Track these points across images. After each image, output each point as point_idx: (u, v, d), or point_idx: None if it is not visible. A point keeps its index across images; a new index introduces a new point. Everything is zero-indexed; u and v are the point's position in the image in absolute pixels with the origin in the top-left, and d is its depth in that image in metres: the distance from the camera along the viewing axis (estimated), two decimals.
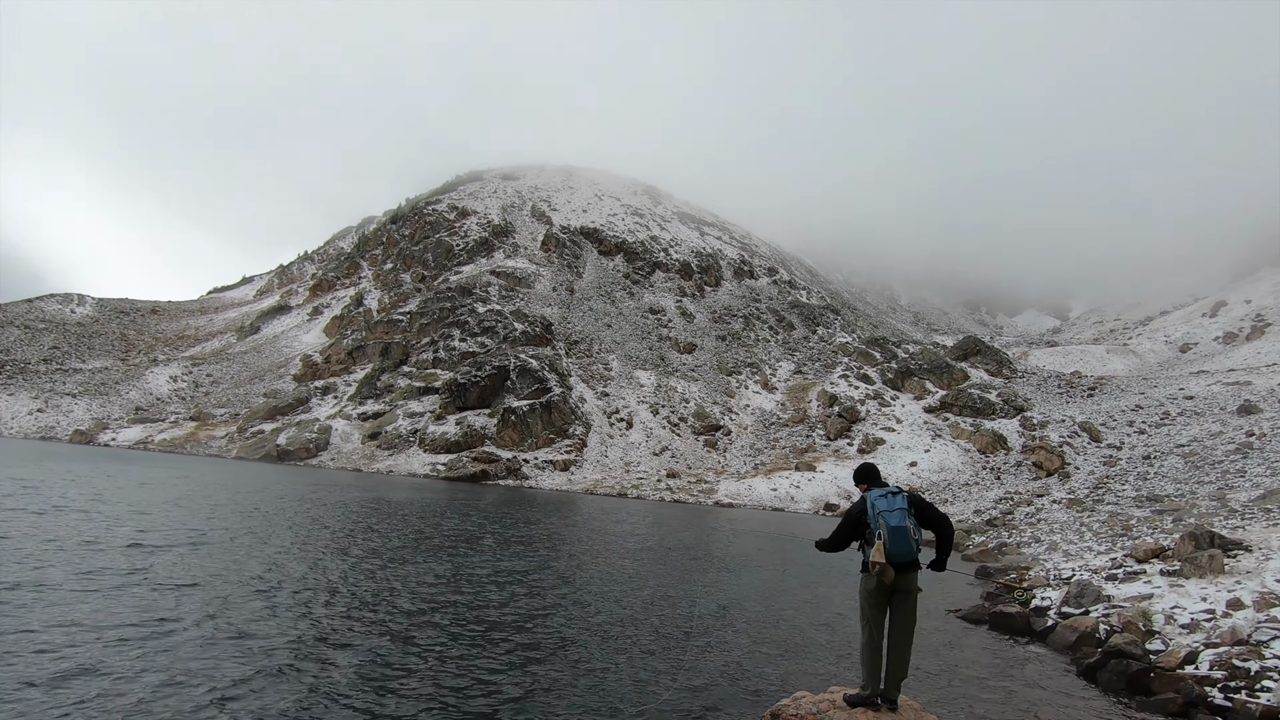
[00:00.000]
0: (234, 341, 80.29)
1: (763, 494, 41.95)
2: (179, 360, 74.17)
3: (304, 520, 16.99)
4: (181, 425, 58.09)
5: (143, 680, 5.76)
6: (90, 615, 7.30)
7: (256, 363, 72.18)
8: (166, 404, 64.16)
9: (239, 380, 68.08)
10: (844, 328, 77.30)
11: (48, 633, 6.62)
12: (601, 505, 32.76)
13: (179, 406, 63.46)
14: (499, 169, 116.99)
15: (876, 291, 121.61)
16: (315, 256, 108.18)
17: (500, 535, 17.66)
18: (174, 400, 64.99)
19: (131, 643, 6.59)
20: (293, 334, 78.87)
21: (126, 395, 64.80)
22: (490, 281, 72.58)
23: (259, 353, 75.06)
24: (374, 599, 9.40)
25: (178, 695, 5.54)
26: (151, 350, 78.51)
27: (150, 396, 65.20)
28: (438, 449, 48.44)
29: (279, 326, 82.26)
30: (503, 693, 6.34)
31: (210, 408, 61.54)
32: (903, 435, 49.79)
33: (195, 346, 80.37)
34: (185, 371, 70.43)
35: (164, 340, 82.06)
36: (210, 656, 6.47)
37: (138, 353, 77.49)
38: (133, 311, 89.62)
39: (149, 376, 68.69)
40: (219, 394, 65.23)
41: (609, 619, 9.48)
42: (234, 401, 62.61)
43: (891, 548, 5.29)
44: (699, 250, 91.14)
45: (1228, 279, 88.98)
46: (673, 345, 69.28)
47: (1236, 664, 7.63)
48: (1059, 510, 28.16)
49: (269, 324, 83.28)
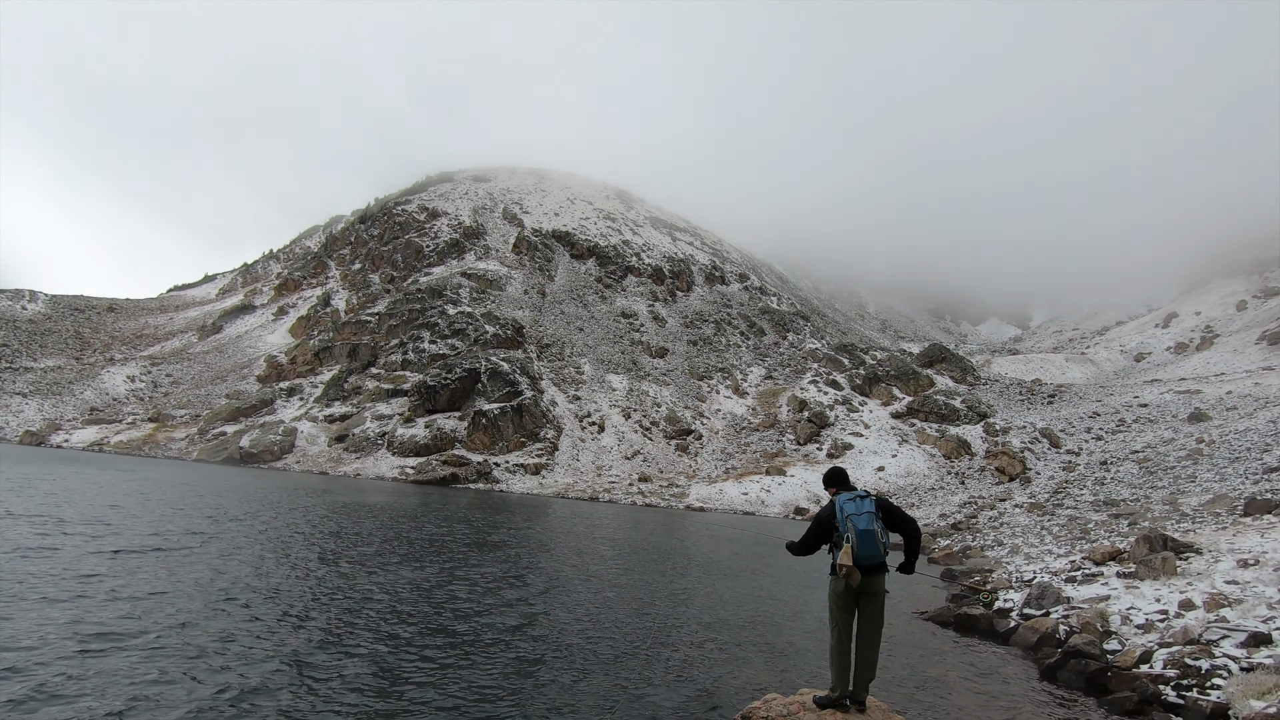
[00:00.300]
0: (195, 341, 78.31)
1: (734, 498, 42.21)
2: (137, 360, 72.10)
3: (277, 526, 16.66)
4: (139, 426, 56.46)
5: (108, 697, 5.61)
6: (47, 628, 7.08)
7: (219, 363, 70.51)
8: (123, 404, 62.31)
9: (200, 381, 66.42)
10: (814, 334, 78.23)
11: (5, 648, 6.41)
12: (573, 509, 32.66)
13: (137, 407, 61.68)
14: (470, 170, 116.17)
15: (845, 299, 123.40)
16: (281, 255, 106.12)
17: (472, 540, 17.52)
18: (131, 401, 63.15)
19: (97, 656, 6.42)
20: (257, 334, 77.23)
21: (81, 395, 62.79)
22: (461, 283, 71.97)
23: (221, 353, 73.33)
24: (342, 608, 9.27)
25: (148, 714, 5.41)
26: (108, 349, 76.16)
27: (106, 397, 63.26)
28: (407, 452, 47.83)
29: (242, 326, 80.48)
30: (474, 700, 6.31)
31: (170, 409, 59.92)
32: (871, 440, 50.54)
33: (154, 346, 78.17)
34: (144, 371, 68.49)
35: (121, 339, 79.66)
36: (182, 671, 6.32)
37: (93, 351, 75.10)
38: (88, 309, 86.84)
39: (105, 376, 66.65)
40: (179, 395, 63.56)
41: (580, 624, 9.48)
42: (195, 403, 61.07)
43: (859, 550, 5.37)
44: (671, 255, 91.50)
45: (1179, 291, 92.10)
46: (645, 349, 69.39)
47: (1188, 663, 7.92)
48: (1021, 514, 28.82)
49: (232, 323, 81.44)
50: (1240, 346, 64.40)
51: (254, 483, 31.56)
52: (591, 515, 29.79)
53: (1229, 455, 28.53)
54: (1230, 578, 10.58)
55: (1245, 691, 6.76)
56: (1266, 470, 23.22)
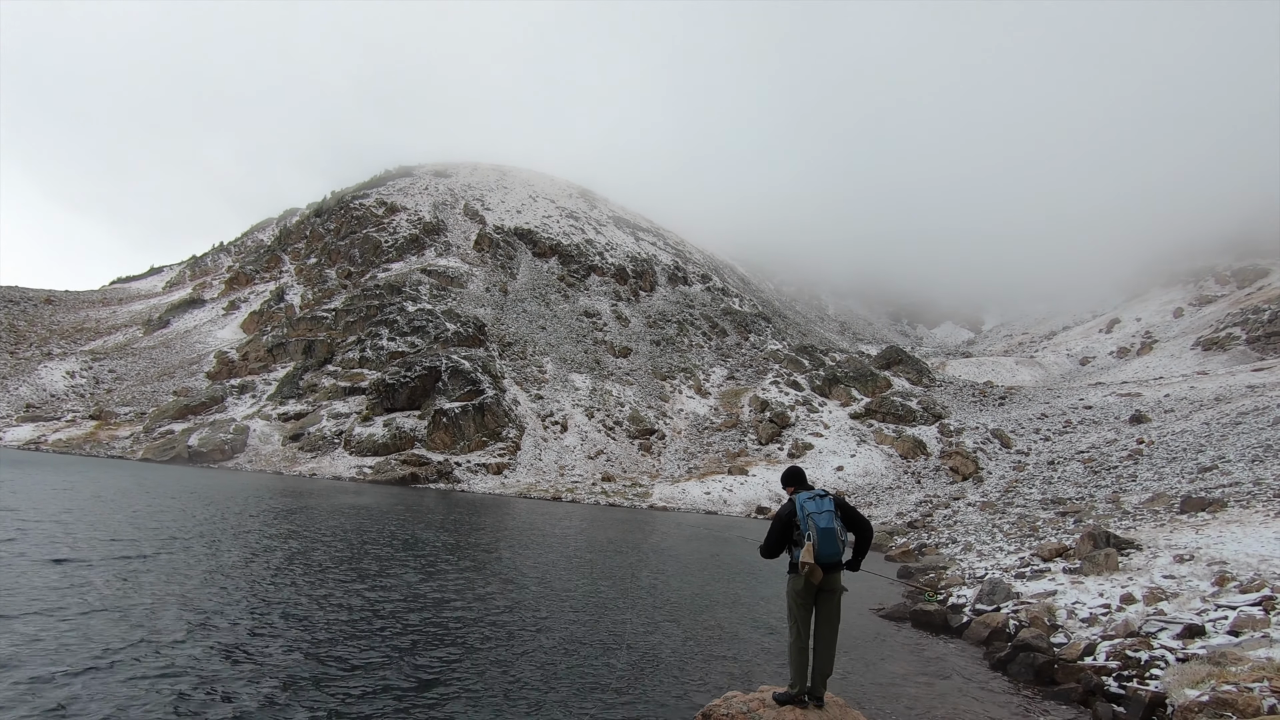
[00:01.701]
0: (140, 336, 75.44)
1: (696, 497, 42.47)
2: (77, 354, 69.14)
3: (238, 529, 16.18)
4: (80, 424, 54.17)
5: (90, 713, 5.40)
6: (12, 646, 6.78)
7: (165, 359, 68.07)
8: (62, 401, 59.71)
9: (146, 377, 64.04)
10: (775, 335, 79.16)
11: None
12: (536, 509, 32.46)
13: (77, 404, 59.16)
14: (430, 165, 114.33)
15: (806, 301, 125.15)
16: (232, 248, 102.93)
17: (440, 542, 17.28)
18: (71, 397, 60.55)
19: (68, 674, 6.17)
20: (206, 329, 74.79)
21: (16, 391, 59.96)
22: (421, 280, 70.85)
23: (168, 348, 70.81)
24: (304, 611, 9.07)
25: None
26: (45, 343, 72.85)
27: (44, 393, 60.54)
28: (365, 451, 46.89)
29: (191, 321, 77.83)
30: (428, 705, 6.24)
31: (113, 406, 57.62)
32: (830, 440, 51.39)
33: (96, 340, 75.06)
34: (84, 367, 65.72)
35: (60, 332, 76.29)
36: (163, 690, 6.12)
37: (29, 345, 71.75)
38: (23, 300, 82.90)
39: (42, 371, 63.76)
40: (123, 391, 61.17)
41: (542, 624, 9.44)
42: (140, 400, 58.85)
43: (820, 549, 5.46)
44: (634, 255, 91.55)
45: (1122, 298, 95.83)
46: (608, 349, 69.31)
47: (1129, 654, 8.27)
48: (973, 512, 29.65)
49: (180, 318, 78.66)
50: (1177, 352, 67.37)
51: (206, 483, 30.59)
52: (554, 515, 29.66)
53: (1167, 455, 29.84)
54: (1168, 572, 11.07)
55: (1181, 681, 7.09)
56: (1201, 470, 24.35)
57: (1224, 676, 6.74)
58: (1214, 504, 16.31)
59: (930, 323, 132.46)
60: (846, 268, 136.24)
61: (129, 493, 21.93)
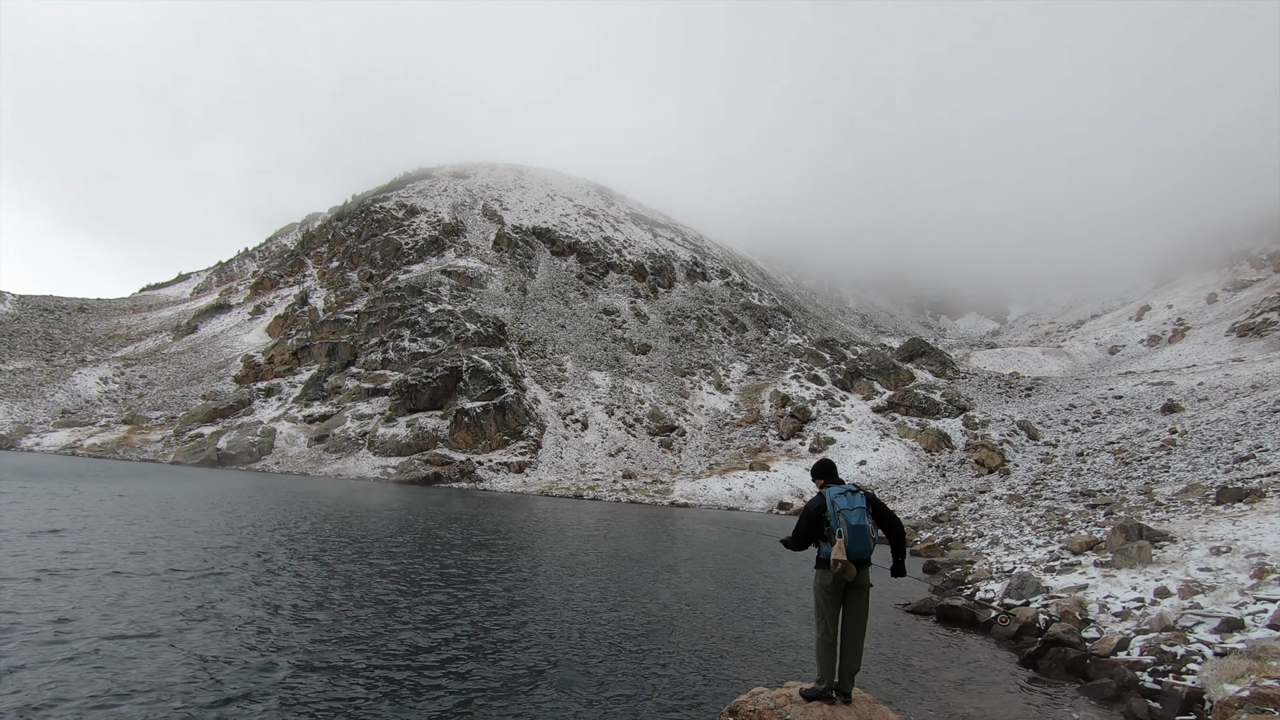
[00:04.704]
0: (170, 341, 76.96)
1: (718, 494, 42.35)
2: (110, 361, 70.72)
3: (291, 532, 16.45)
4: (113, 429, 55.41)
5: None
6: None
7: (194, 363, 69.37)
8: (96, 406, 61.12)
9: (175, 382, 65.32)
10: (795, 329, 78.65)
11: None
12: (557, 507, 32.59)
13: (110, 409, 60.52)
14: (449, 167, 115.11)
15: (826, 294, 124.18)
16: (257, 254, 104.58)
17: (462, 540, 17.41)
18: (104, 403, 61.95)
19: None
20: (233, 333, 76.07)
21: (52, 398, 61.48)
22: (441, 281, 71.40)
23: (197, 353, 72.14)
24: (331, 603, 9.17)
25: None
26: (79, 350, 74.60)
27: (78, 399, 62.01)
28: (388, 451, 47.40)
29: (218, 326, 79.21)
30: (458, 705, 6.27)
31: (144, 410, 58.86)
32: (852, 435, 50.94)
33: (127, 346, 76.71)
34: (117, 373, 67.21)
35: (93, 340, 78.07)
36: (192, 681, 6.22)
37: (64, 353, 73.52)
38: (58, 309, 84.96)
39: (77, 378, 65.32)
40: (154, 396, 62.45)
41: (567, 621, 9.45)
42: (170, 404, 60.04)
43: (852, 545, 5.40)
44: (652, 252, 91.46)
45: (1152, 284, 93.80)
46: (627, 346, 69.34)
47: (1164, 649, 8.08)
48: (1000, 506, 29.23)
49: (207, 323, 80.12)
50: (1211, 339, 65.73)
51: (243, 488, 31.12)
52: (576, 513, 29.75)
53: (1201, 445, 29.13)
54: (1204, 565, 10.80)
55: (1219, 676, 6.90)
56: (1237, 459, 23.74)
57: (1265, 671, 6.55)
58: (1251, 494, 15.90)
59: (954, 314, 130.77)
60: (868, 260, 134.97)
61: (194, 503, 22.37)
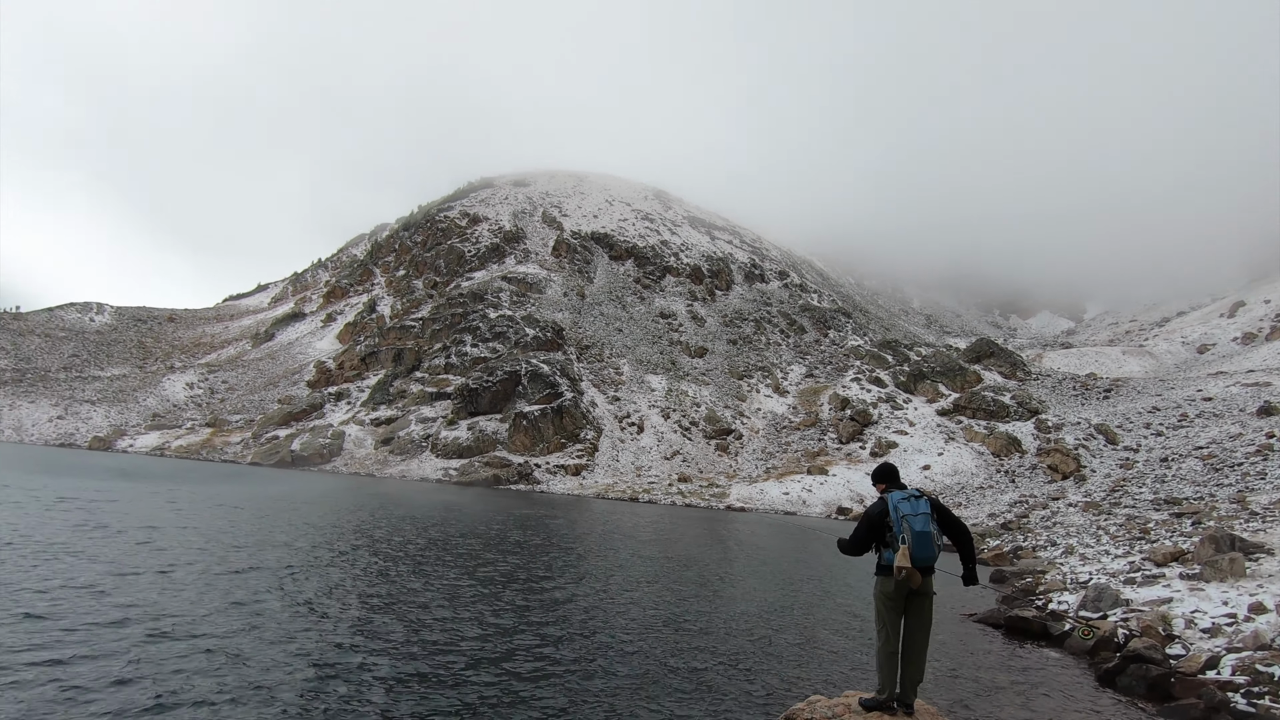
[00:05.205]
0: (249, 348, 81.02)
1: (775, 498, 41.78)
2: (195, 367, 74.93)
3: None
4: (198, 431, 58.64)
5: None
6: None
7: (271, 369, 72.78)
8: (183, 410, 64.80)
9: (254, 386, 68.66)
10: (856, 331, 76.97)
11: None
12: (613, 509, 32.76)
13: (195, 413, 64.06)
14: (510, 175, 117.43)
15: (888, 294, 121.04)
16: (329, 264, 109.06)
17: (516, 540, 17.70)
18: (190, 407, 65.62)
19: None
20: (307, 340, 79.48)
21: (144, 402, 65.50)
22: (502, 287, 72.85)
23: (273, 359, 75.69)
24: (389, 599, 9.43)
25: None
26: (169, 357, 79.35)
27: (167, 403, 65.88)
28: (450, 454, 48.61)
29: (293, 333, 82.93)
30: (510, 702, 6.34)
31: (226, 414, 62.08)
32: (915, 438, 49.45)
33: (211, 353, 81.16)
34: (201, 378, 71.12)
35: (181, 347, 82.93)
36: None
37: (155, 360, 78.34)
38: (150, 319, 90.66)
39: (166, 383, 69.40)
40: (234, 400, 65.81)
41: (623, 622, 9.46)
42: (249, 408, 63.15)
43: (916, 551, 5.25)
44: (709, 254, 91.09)
45: (1245, 279, 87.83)
46: (684, 349, 69.22)
47: (1260, 669, 7.51)
48: (1075, 513, 27.86)
49: (283, 331, 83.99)
50: None
51: (324, 490, 32.45)
52: (631, 515, 29.83)
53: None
54: None
55: None
56: None
57: None
58: None
59: (1025, 313, 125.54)
60: (932, 259, 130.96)
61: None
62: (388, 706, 5.86)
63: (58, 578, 8.93)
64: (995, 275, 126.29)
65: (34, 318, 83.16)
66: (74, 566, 9.69)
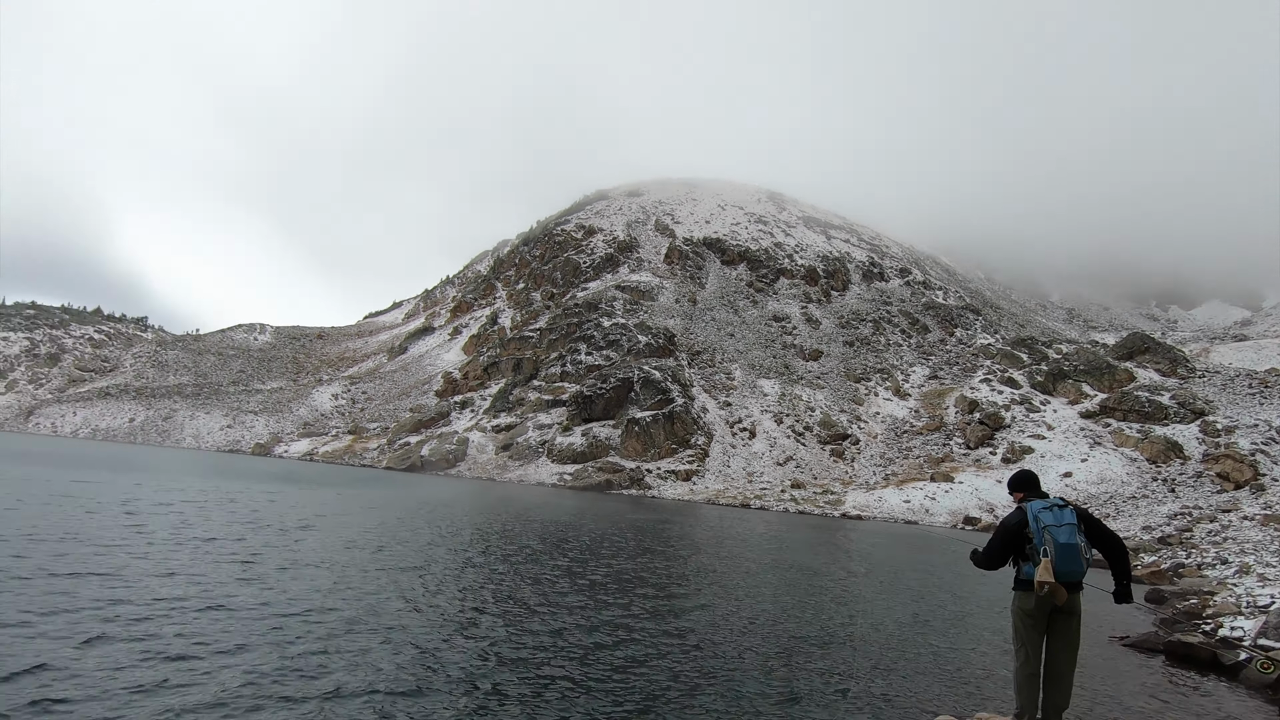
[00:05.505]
0: (385, 361, 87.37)
1: (894, 506, 39.83)
2: (340, 380, 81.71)
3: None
4: (341, 439, 63.81)
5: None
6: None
7: (404, 380, 78.06)
8: (329, 419, 70.76)
9: (389, 396, 73.89)
10: (985, 328, 72.18)
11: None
12: (724, 515, 32.46)
13: (339, 421, 69.79)
14: (624, 186, 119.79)
15: (1023, 288, 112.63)
16: (455, 280, 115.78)
17: (635, 546, 17.92)
18: (335, 416, 71.57)
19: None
20: (435, 353, 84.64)
21: (297, 412, 72.13)
22: (615, 296, 74.31)
23: (406, 371, 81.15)
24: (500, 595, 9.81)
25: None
26: (318, 371, 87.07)
27: (316, 412, 72.19)
28: (565, 459, 50.03)
29: (424, 347, 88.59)
30: (634, 711, 6.38)
31: (365, 422, 67.18)
32: (1054, 443, 45.58)
33: (353, 367, 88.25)
34: (344, 390, 77.41)
35: (328, 362, 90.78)
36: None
37: (306, 374, 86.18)
38: (302, 337, 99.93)
39: (315, 395, 76.10)
40: (372, 409, 71.11)
41: (738, 630, 9.32)
42: (384, 416, 67.99)
43: (1060, 565, 4.86)
44: (825, 254, 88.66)
45: None
46: (797, 352, 67.66)
47: None
48: (1252, 528, 24.66)
49: (415, 344, 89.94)
50: None
51: (458, 493, 34.44)
52: (743, 522, 29.41)
53: None
54: None
55: None
56: None
57: None
58: None
59: (1187, 303, 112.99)
60: (1074, 247, 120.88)
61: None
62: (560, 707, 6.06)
63: (250, 569, 9.98)
64: (1149, 263, 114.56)
65: (209, 339, 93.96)
66: (253, 559, 10.79)
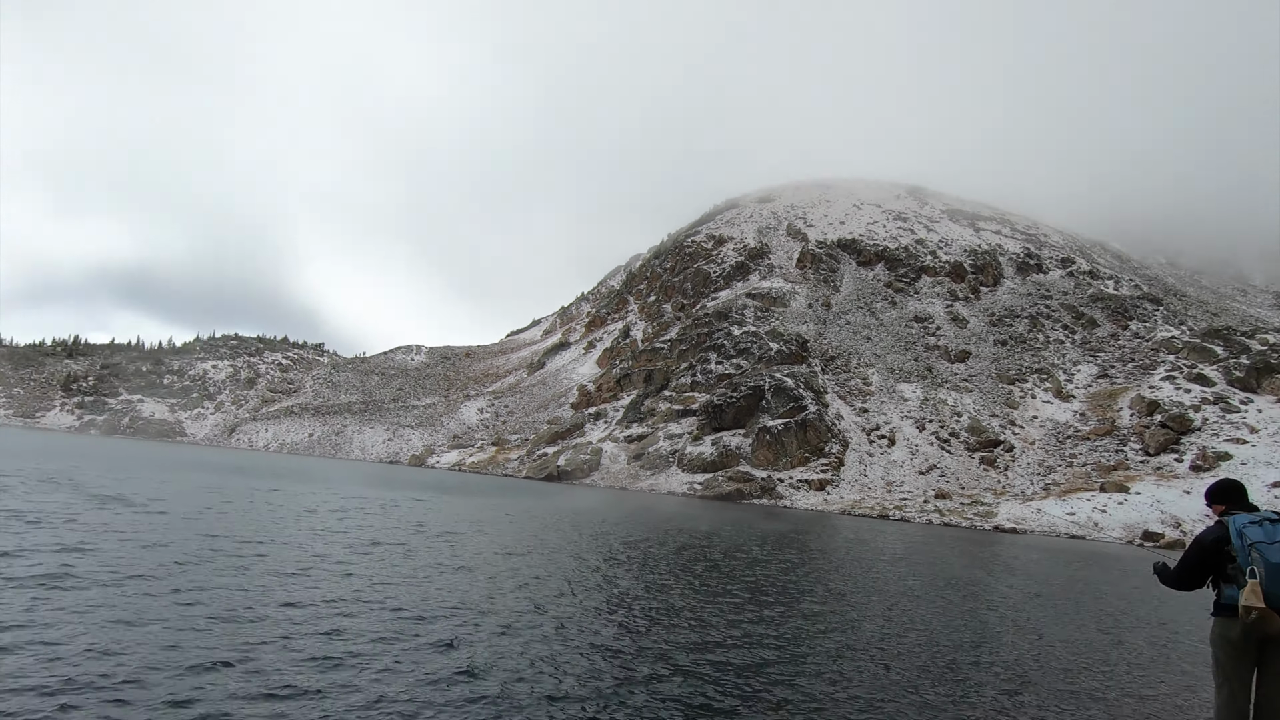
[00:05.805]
0: (525, 376, 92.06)
1: (1056, 518, 35.93)
2: (485, 395, 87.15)
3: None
4: (485, 450, 67.93)
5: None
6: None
7: (542, 394, 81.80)
8: (475, 432, 75.62)
9: (529, 409, 77.73)
10: (1167, 320, 63.66)
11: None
12: (862, 527, 30.88)
13: (484, 433, 74.37)
14: (755, 193, 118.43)
15: (1215, 271, 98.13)
16: (590, 296, 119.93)
17: (756, 557, 17.58)
18: (481, 428, 76.36)
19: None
20: (571, 367, 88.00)
21: (447, 426, 77.76)
22: (745, 304, 73.53)
23: (544, 385, 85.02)
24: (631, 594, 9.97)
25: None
26: (465, 387, 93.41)
27: (464, 426, 77.43)
28: (695, 469, 49.96)
29: (560, 361, 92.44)
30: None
31: (507, 434, 71.07)
32: (1260, 449, 39.12)
33: (496, 382, 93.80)
34: (489, 404, 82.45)
35: (474, 379, 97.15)
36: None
37: (455, 390, 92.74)
38: (452, 356, 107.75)
39: (463, 409, 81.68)
40: (513, 422, 75.11)
41: (891, 650, 8.37)
42: (524, 428, 71.55)
43: (1271, 588, 4.15)
44: (972, 248, 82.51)
45: None
46: (941, 354, 63.27)
47: None
48: None
49: (552, 359, 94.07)
50: None
51: (581, 501, 35.65)
52: (883, 534, 27.77)
53: None
54: None
55: None
56: None
57: None
58: None
59: None
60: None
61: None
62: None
63: (417, 573, 10.95)
64: None
65: (373, 360, 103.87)
66: (417, 564, 11.79)
